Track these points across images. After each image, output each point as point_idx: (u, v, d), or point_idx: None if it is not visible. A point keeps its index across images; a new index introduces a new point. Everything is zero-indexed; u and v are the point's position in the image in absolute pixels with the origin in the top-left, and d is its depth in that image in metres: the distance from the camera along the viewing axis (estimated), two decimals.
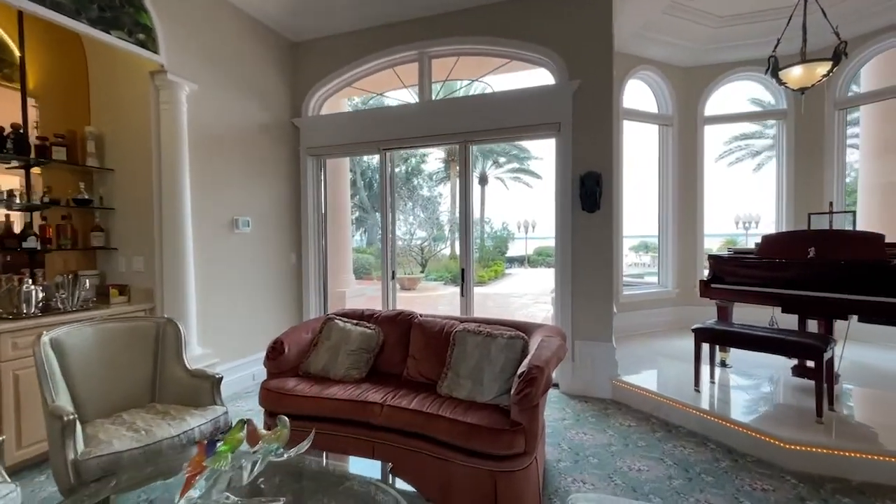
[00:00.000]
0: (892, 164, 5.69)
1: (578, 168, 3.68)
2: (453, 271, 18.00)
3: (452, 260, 20.47)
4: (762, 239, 3.57)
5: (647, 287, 5.54)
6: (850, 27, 4.36)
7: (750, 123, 21.18)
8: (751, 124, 21.27)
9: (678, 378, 3.61)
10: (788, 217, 5.21)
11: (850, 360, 3.59)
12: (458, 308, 4.22)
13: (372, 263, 17.78)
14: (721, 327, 3.08)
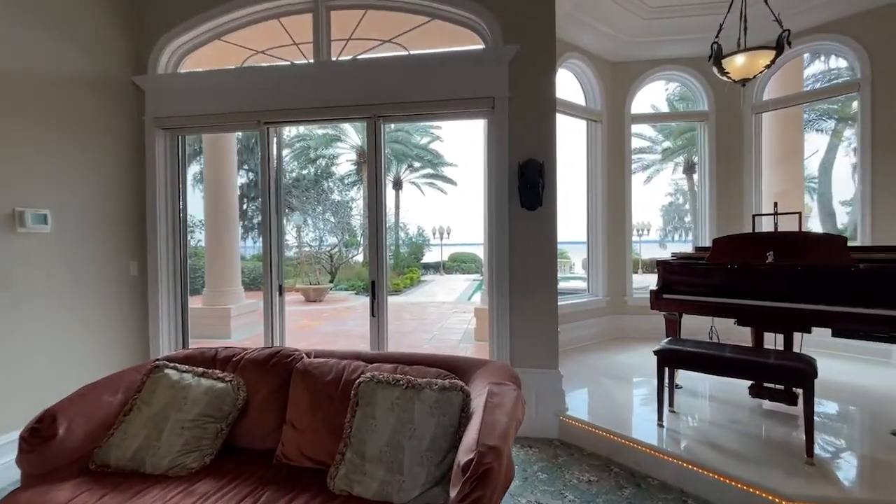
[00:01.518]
0: (787, 173, 5.96)
1: (517, 155, 2.98)
2: (366, 279, 16.81)
3: (365, 267, 19.24)
4: (713, 243, 3.18)
5: (576, 296, 5.10)
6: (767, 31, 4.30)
7: (640, 139, 23.23)
8: (641, 140, 23.32)
9: (632, 408, 3.05)
10: (711, 221, 5.11)
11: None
12: (370, 329, 3.26)
13: None
14: (688, 349, 2.55)
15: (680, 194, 27.45)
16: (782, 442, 2.46)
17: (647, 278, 16.42)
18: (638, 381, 3.66)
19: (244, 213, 26.16)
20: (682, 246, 27.49)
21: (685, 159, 23.53)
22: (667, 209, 28.47)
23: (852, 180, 20.28)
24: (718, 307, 2.96)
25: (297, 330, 7.87)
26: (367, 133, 3.18)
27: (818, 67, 16.00)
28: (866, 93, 4.15)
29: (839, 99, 18.40)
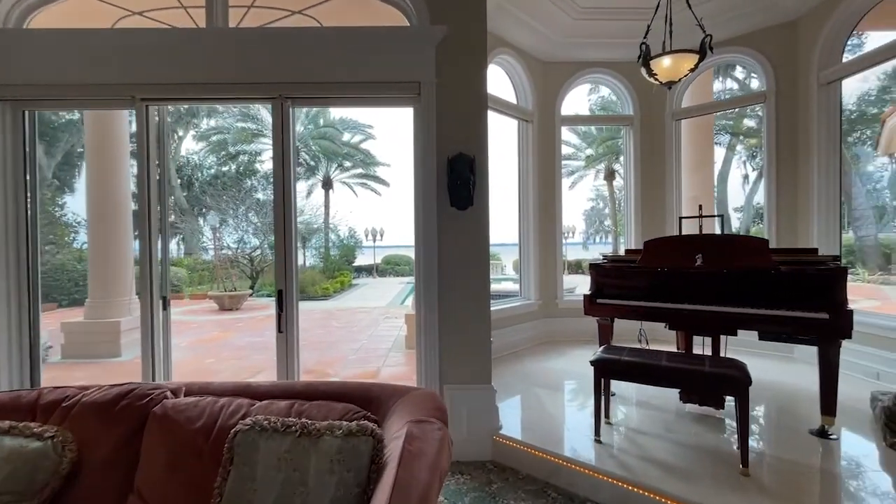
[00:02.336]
0: (700, 180, 6.31)
1: (446, 148, 2.68)
2: None
3: None
4: (644, 245, 3.11)
5: (509, 301, 4.95)
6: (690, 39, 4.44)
7: (566, 146, 24.33)
8: (567, 146, 24.42)
9: (569, 421, 2.87)
10: (636, 223, 5.21)
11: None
12: (277, 348, 2.78)
13: (183, 279, 14.37)
14: (626, 359, 2.41)
15: (601, 200, 29.17)
16: (716, 451, 2.40)
17: (573, 279, 17.08)
18: (572, 387, 3.53)
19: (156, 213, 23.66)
20: (604, 248, 29.27)
21: (606, 167, 25.00)
22: (589, 213, 30.11)
23: (743, 189, 22.81)
24: (651, 311, 2.88)
25: (204, 344, 6.98)
26: (274, 117, 2.71)
27: (717, 87, 17.69)
28: (771, 103, 4.42)
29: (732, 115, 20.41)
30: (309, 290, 16.01)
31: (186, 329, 8.38)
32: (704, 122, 6.35)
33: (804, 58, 4.19)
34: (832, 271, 2.42)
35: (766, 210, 4.57)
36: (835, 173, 4.08)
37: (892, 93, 15.19)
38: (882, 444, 2.46)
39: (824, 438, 2.53)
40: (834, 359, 2.47)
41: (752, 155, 22.13)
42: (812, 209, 4.18)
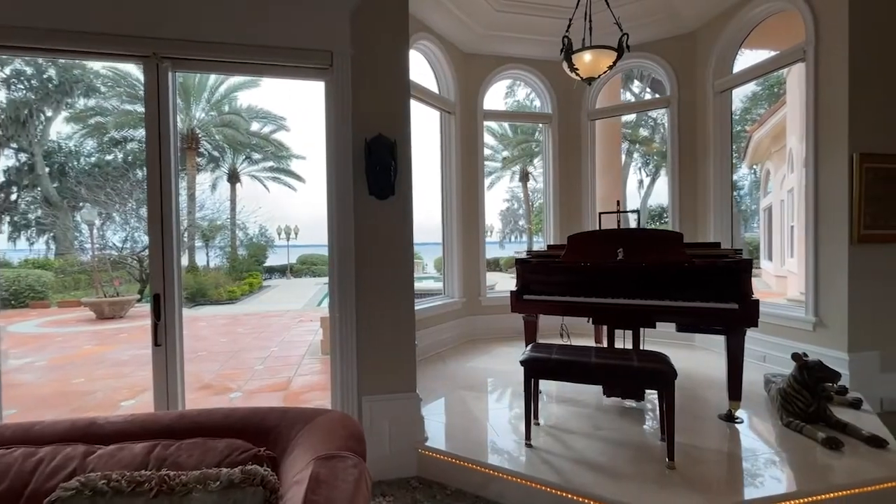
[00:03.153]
0: (609, 182, 6.65)
1: (363, 129, 2.38)
2: (190, 287, 14.16)
3: (190, 273, 16.25)
4: (568, 240, 3.08)
5: (433, 299, 4.75)
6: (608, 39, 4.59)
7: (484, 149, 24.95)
8: (485, 148, 25.06)
9: (497, 425, 2.72)
10: (555, 220, 5.30)
11: None
12: (153, 366, 2.26)
13: (48, 284, 12.22)
14: (556, 357, 2.31)
15: (516, 200, 30.41)
16: (643, 446, 2.39)
17: (492, 277, 17.46)
18: (498, 387, 3.41)
19: (14, 204, 19.89)
20: (519, 247, 30.57)
21: (521, 168, 26.06)
22: (505, 213, 31.21)
23: (638, 193, 25.16)
24: (577, 306, 2.84)
25: (72, 361, 5.86)
26: (147, 81, 2.19)
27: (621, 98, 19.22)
28: (674, 108, 4.72)
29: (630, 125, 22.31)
30: (212, 294, 14.50)
31: (49, 343, 7.01)
32: (613, 126, 6.71)
33: (702, 67, 4.52)
34: (739, 264, 2.54)
35: (669, 207, 4.88)
36: (727, 175, 4.46)
37: (752, 113, 17.69)
38: (778, 423, 2.64)
39: (732, 422, 2.66)
40: (740, 346, 2.60)
41: (646, 162, 24.53)
42: (709, 207, 4.54)
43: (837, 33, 3.27)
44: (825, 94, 3.37)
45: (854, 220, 3.24)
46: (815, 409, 2.55)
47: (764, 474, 2.10)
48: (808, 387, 2.55)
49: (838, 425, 2.51)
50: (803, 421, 2.55)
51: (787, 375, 2.69)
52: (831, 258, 3.36)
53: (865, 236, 3.26)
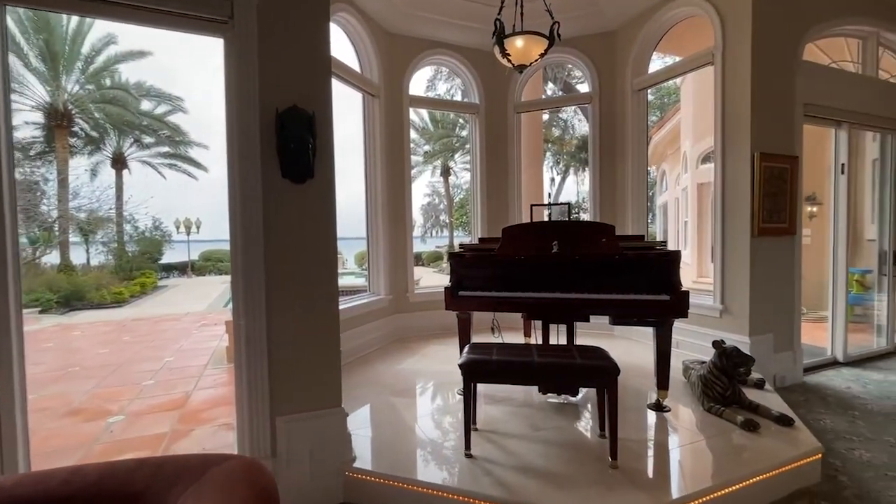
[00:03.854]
0: (531, 176, 6.76)
1: (273, 98, 1.98)
2: (62, 290, 12.08)
3: (63, 273, 13.87)
4: (503, 232, 2.94)
5: (357, 298, 4.39)
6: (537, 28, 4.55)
7: None
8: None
9: (432, 435, 2.49)
10: (483, 213, 5.20)
11: None
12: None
13: None
14: (497, 358, 2.13)
15: (437, 195, 30.50)
16: (584, 445, 2.32)
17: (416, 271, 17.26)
18: (430, 391, 3.20)
19: None
20: (441, 241, 30.73)
21: (442, 163, 26.12)
22: (426, 208, 31.17)
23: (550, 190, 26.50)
24: (514, 302, 2.71)
25: None
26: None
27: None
28: (596, 104, 4.84)
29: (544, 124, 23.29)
30: (92, 297, 12.55)
31: None
32: (536, 121, 6.81)
33: (621, 66, 4.67)
34: (670, 255, 2.57)
35: (590, 200, 5.02)
36: (643, 170, 4.67)
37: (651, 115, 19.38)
38: (699, 409, 2.74)
39: (661, 411, 2.71)
40: (669, 337, 2.65)
41: (557, 161, 25.87)
42: (627, 201, 4.72)
43: (742, 39, 3.50)
44: (731, 97, 3.60)
45: (755, 214, 3.51)
46: (731, 392, 2.69)
47: (700, 464, 2.13)
48: (726, 372, 2.67)
49: (751, 406, 2.66)
50: (722, 405, 2.67)
51: (708, 362, 2.80)
52: (736, 250, 3.61)
53: (763, 229, 3.55)
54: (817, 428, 2.82)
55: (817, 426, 2.88)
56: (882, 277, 4.75)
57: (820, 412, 3.12)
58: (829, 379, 3.81)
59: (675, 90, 15.62)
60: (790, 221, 3.69)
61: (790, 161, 3.65)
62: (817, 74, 3.83)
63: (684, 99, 10.70)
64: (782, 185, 3.64)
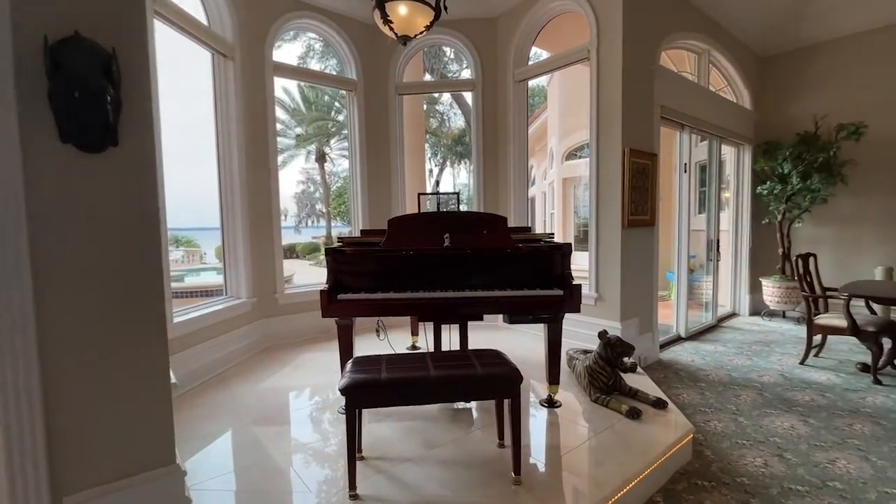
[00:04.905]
0: (413, 166, 6.50)
1: (39, 18, 1.30)
2: None
3: None
4: (389, 224, 2.57)
5: (211, 304, 3.60)
6: None
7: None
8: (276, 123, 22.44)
9: (307, 474, 2.03)
10: (364, 203, 4.74)
11: None
12: None
13: None
14: (386, 376, 1.77)
15: (312, 183, 28.59)
16: (484, 460, 2.10)
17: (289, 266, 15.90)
18: (303, 410, 2.70)
19: None
20: (317, 232, 28.94)
21: (317, 148, 24.46)
22: (300, 196, 29.05)
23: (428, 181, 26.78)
24: (405, 304, 2.37)
25: None
26: None
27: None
28: (479, 92, 4.73)
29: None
30: None
31: None
32: (417, 106, 6.53)
33: (503, 54, 4.61)
34: (561, 248, 2.50)
35: (474, 191, 4.93)
36: (525, 161, 4.72)
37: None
38: (586, 399, 2.77)
39: (553, 407, 2.66)
40: (560, 332, 2.59)
41: (435, 153, 26.26)
42: (509, 192, 4.73)
43: (614, 39, 3.65)
44: (605, 93, 3.75)
45: (625, 206, 3.73)
46: (613, 381, 2.76)
47: (599, 464, 2.06)
48: (610, 362, 2.73)
49: (631, 392, 2.76)
50: (606, 394, 2.72)
51: (593, 353, 2.84)
52: (608, 241, 3.81)
53: (631, 221, 3.80)
54: (679, 404, 3.08)
55: (678, 402, 3.15)
56: (709, 262, 5.59)
57: (677, 388, 3.44)
58: (677, 354, 4.31)
59: (540, 90, 16.84)
60: (651, 214, 4.02)
61: (651, 158, 3.97)
62: (670, 80, 4.23)
63: (551, 98, 11.52)
64: (645, 180, 3.94)
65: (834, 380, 3.55)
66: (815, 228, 5.50)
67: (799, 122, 5.45)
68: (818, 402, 3.13)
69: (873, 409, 2.99)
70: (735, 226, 5.89)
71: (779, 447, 2.51)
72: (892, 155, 4.92)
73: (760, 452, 2.46)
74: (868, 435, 2.65)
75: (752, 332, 5.08)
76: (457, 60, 17.43)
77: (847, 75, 5.18)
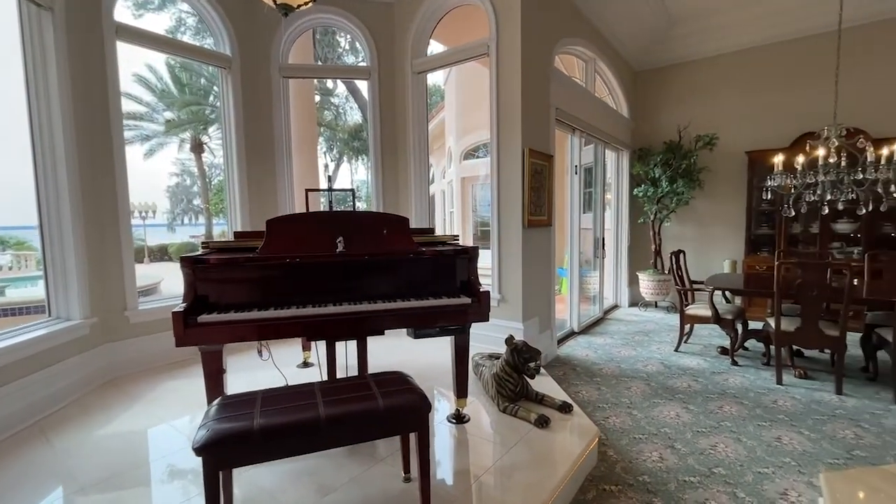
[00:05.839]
0: (304, 158, 5.94)
1: None
2: None
3: None
4: (268, 226, 2.13)
5: (27, 331, 2.75)
6: None
7: (135, 103, 19.18)
8: (137, 104, 19.29)
9: None
10: (243, 200, 4.10)
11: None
12: None
13: None
14: (266, 421, 1.38)
15: (188, 175, 25.31)
16: (389, 498, 1.81)
17: (157, 271, 13.81)
18: (156, 465, 2.13)
19: None
20: (196, 230, 25.70)
21: (193, 136, 21.66)
22: (174, 190, 25.59)
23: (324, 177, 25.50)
24: (290, 324, 1.97)
25: None
26: None
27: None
28: (375, 80, 4.39)
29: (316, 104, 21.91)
30: None
31: None
32: (307, 94, 5.95)
33: (401, 43, 4.33)
34: (468, 252, 2.31)
35: (372, 189, 4.58)
36: (424, 156, 4.50)
37: None
38: (494, 410, 2.64)
39: (462, 423, 2.47)
40: (468, 342, 2.41)
41: (331, 147, 25.01)
42: (410, 190, 4.48)
43: (513, 37, 3.59)
44: (505, 92, 3.68)
45: (525, 207, 3.71)
46: (520, 387, 2.67)
47: (515, 488, 1.90)
48: (518, 368, 2.63)
49: (537, 398, 2.70)
50: (514, 401, 2.62)
51: (500, 360, 2.72)
52: (510, 241, 3.76)
53: (531, 221, 3.80)
54: (580, 402, 3.12)
55: (578, 399, 3.20)
56: (595, 259, 5.98)
57: (576, 385, 3.52)
58: (573, 349, 4.47)
59: (437, 90, 16.91)
60: (549, 214, 4.09)
61: (548, 159, 4.02)
62: (564, 83, 4.35)
63: (448, 97, 11.54)
64: (543, 180, 3.98)
65: (702, 364, 3.94)
66: (680, 227, 6.19)
67: (667, 131, 6.08)
68: (694, 387, 3.42)
69: (736, 390, 3.35)
70: (616, 225, 6.39)
71: (669, 438, 2.64)
72: (735, 165, 5.72)
73: (655, 446, 2.55)
74: (736, 416, 2.92)
75: (633, 323, 5.53)
76: (352, 51, 16.71)
77: (705, 92, 5.90)
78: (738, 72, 5.65)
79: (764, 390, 3.33)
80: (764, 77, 5.48)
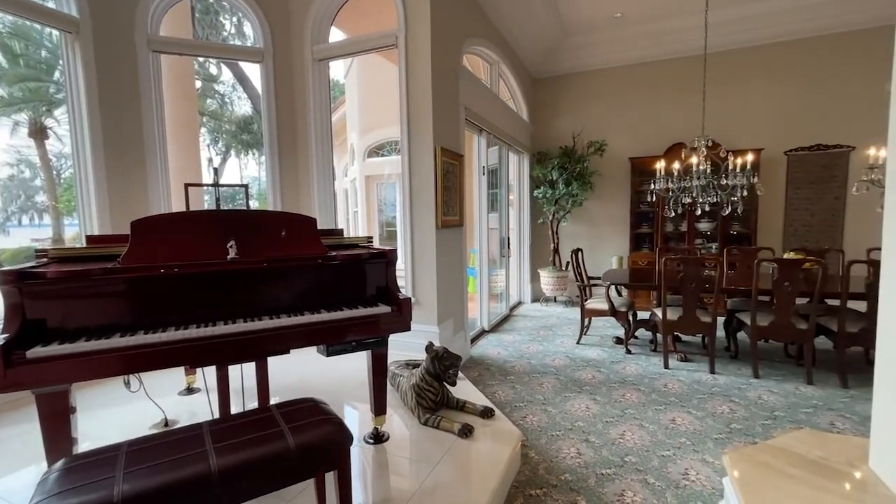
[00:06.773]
0: (182, 150, 5.17)
1: None
2: None
3: None
4: (133, 228, 1.70)
5: None
6: None
7: None
8: None
9: None
10: (99, 198, 3.36)
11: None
12: None
13: None
14: (128, 489, 1.04)
15: (27, 166, 20.91)
16: None
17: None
18: None
19: None
20: (37, 231, 21.33)
21: (33, 120, 17.90)
22: (6, 184, 20.95)
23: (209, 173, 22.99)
24: (161, 352, 1.57)
25: None
26: None
27: None
28: (269, 65, 3.93)
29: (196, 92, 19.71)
30: None
31: None
32: (185, 74, 5.17)
33: (298, 28, 3.94)
34: (386, 256, 2.11)
35: (268, 186, 4.11)
36: (329, 151, 4.16)
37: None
38: (415, 423, 2.48)
39: (381, 442, 2.26)
40: (386, 354, 2.21)
41: (216, 139, 22.59)
42: (312, 187, 4.10)
43: (422, 30, 3.46)
44: (415, 87, 3.53)
45: (438, 207, 3.60)
46: (441, 396, 2.55)
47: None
48: (438, 377, 2.50)
49: (458, 405, 2.60)
50: (435, 411, 2.49)
51: (419, 370, 2.56)
52: (424, 243, 3.63)
53: (444, 222, 3.71)
54: (497, 403, 3.10)
55: (496, 400, 3.18)
56: (501, 258, 6.14)
57: (492, 385, 3.51)
58: (485, 349, 4.49)
59: (338, 85, 16.18)
60: (460, 215, 4.03)
61: (459, 159, 3.97)
62: (472, 82, 4.33)
63: (350, 92, 11.06)
64: (454, 180, 3.91)
65: (602, 355, 4.22)
66: (575, 226, 6.64)
67: (562, 136, 6.47)
68: (598, 378, 3.62)
69: (633, 377, 3.63)
70: (519, 224, 6.65)
71: (583, 431, 2.72)
72: (620, 169, 6.29)
73: (572, 441, 2.61)
74: (636, 402, 3.14)
75: (537, 318, 5.77)
76: (240, 36, 15.20)
77: (596, 101, 6.39)
78: (622, 84, 6.22)
79: (655, 375, 3.65)
80: (644, 90, 6.10)
